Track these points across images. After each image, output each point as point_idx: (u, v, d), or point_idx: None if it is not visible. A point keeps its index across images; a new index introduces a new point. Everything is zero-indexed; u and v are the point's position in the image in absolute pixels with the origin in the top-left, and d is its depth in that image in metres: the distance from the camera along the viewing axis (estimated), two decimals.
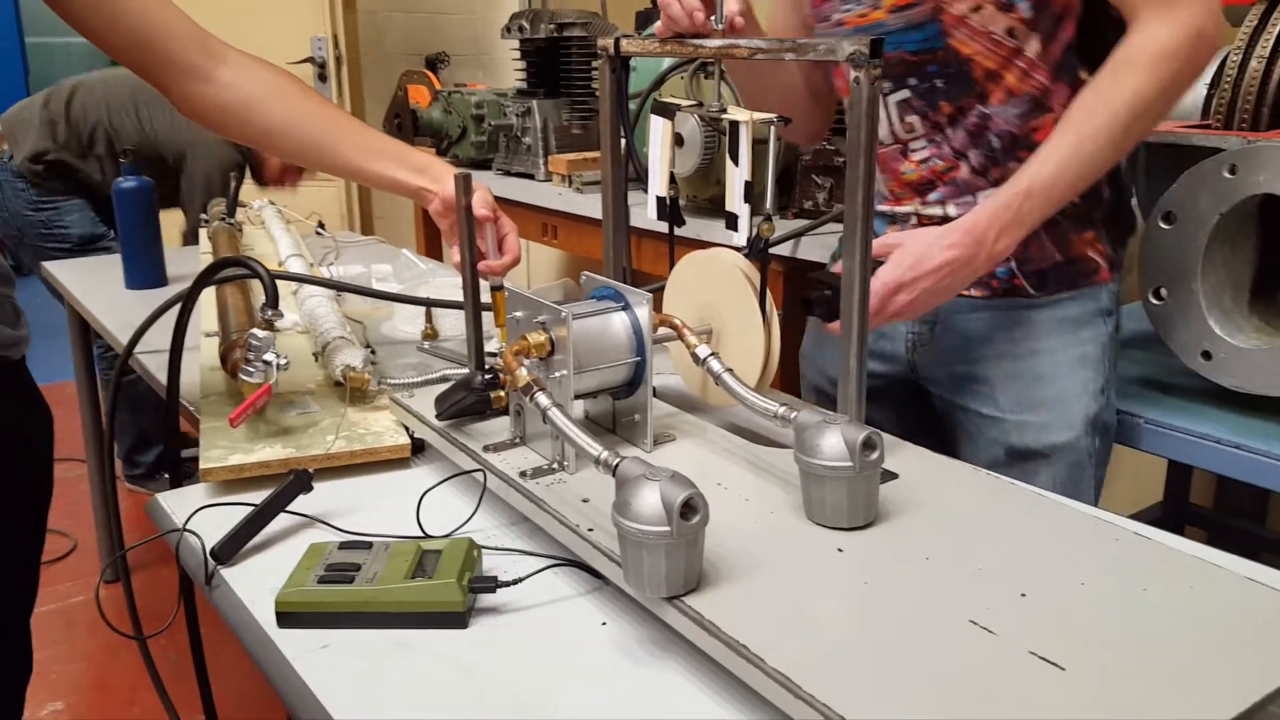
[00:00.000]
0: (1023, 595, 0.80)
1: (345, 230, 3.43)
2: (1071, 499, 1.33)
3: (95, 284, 2.29)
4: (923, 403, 1.46)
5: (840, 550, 0.87)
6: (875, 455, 0.89)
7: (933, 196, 1.32)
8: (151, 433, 3.15)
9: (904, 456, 1.07)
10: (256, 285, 1.45)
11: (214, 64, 1.22)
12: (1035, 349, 1.32)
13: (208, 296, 1.76)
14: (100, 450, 2.61)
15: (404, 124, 2.79)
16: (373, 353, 1.52)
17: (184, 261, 2.32)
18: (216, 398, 1.38)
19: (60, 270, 2.46)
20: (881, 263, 1.17)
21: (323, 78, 3.89)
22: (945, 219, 1.31)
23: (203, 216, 2.45)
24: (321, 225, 2.53)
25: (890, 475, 1.01)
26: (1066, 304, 1.32)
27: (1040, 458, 1.32)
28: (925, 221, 1.34)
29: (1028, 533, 0.90)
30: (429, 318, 1.66)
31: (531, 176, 2.64)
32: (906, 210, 1.35)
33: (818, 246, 1.89)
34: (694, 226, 2.04)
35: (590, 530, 0.91)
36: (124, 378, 1.72)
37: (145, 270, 2.23)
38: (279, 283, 1.75)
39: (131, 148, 2.70)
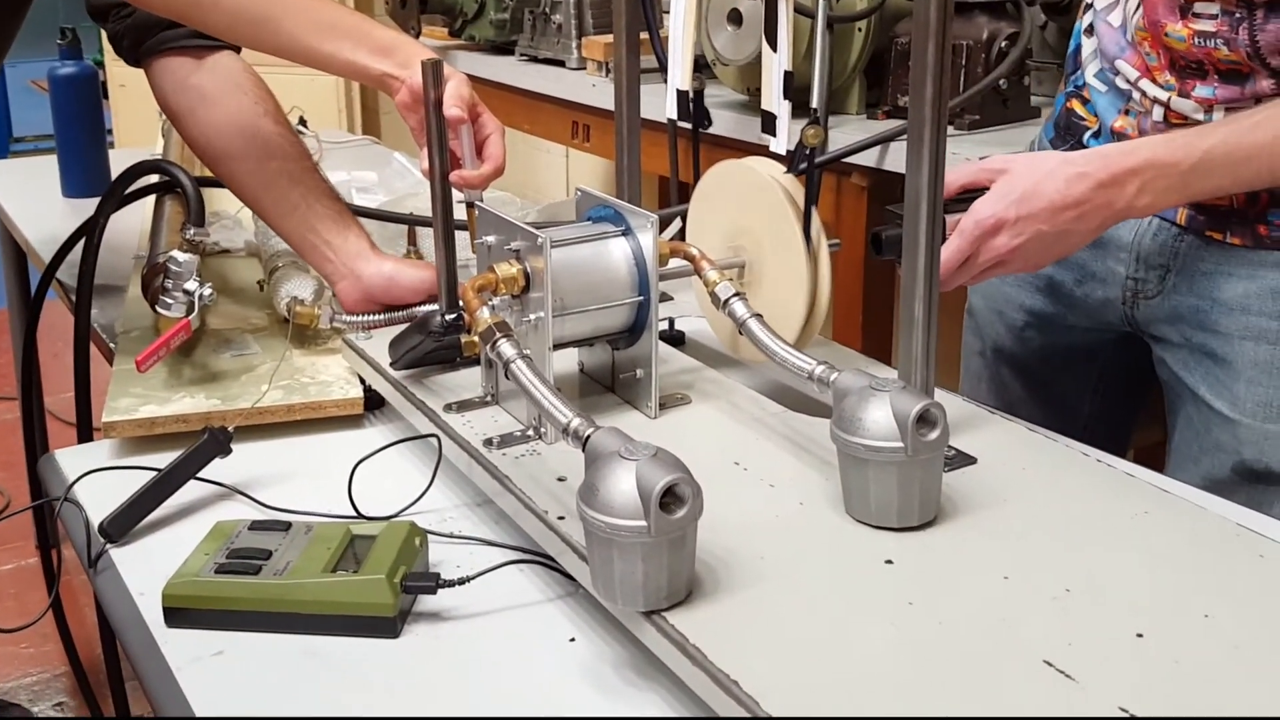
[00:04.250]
0: (1123, 629, 0.74)
1: (337, 129, 3.40)
2: None
3: (27, 190, 2.29)
4: (1140, 370, 1.35)
5: (888, 561, 0.82)
6: (935, 434, 0.84)
7: (1199, 90, 1.17)
8: None
9: (987, 434, 1.01)
10: (208, 194, 1.42)
11: None
12: None
13: (147, 207, 1.73)
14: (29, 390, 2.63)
15: None
16: None
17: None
18: (140, 333, 1.37)
19: None
20: (981, 194, 1.08)
21: None
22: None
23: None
24: (303, 122, 2.49)
25: (965, 459, 0.96)
26: None
27: None
28: (1174, 118, 1.18)
29: (1142, 543, 0.85)
30: (411, 239, 1.62)
31: (561, 63, 2.59)
32: (1154, 93, 1.20)
33: None
34: (755, 128, 1.96)
35: (561, 519, 0.88)
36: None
37: (85, 175, 2.22)
38: (231, 194, 1.75)
39: None
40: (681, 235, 1.44)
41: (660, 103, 1.30)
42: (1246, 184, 1.10)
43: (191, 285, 1.20)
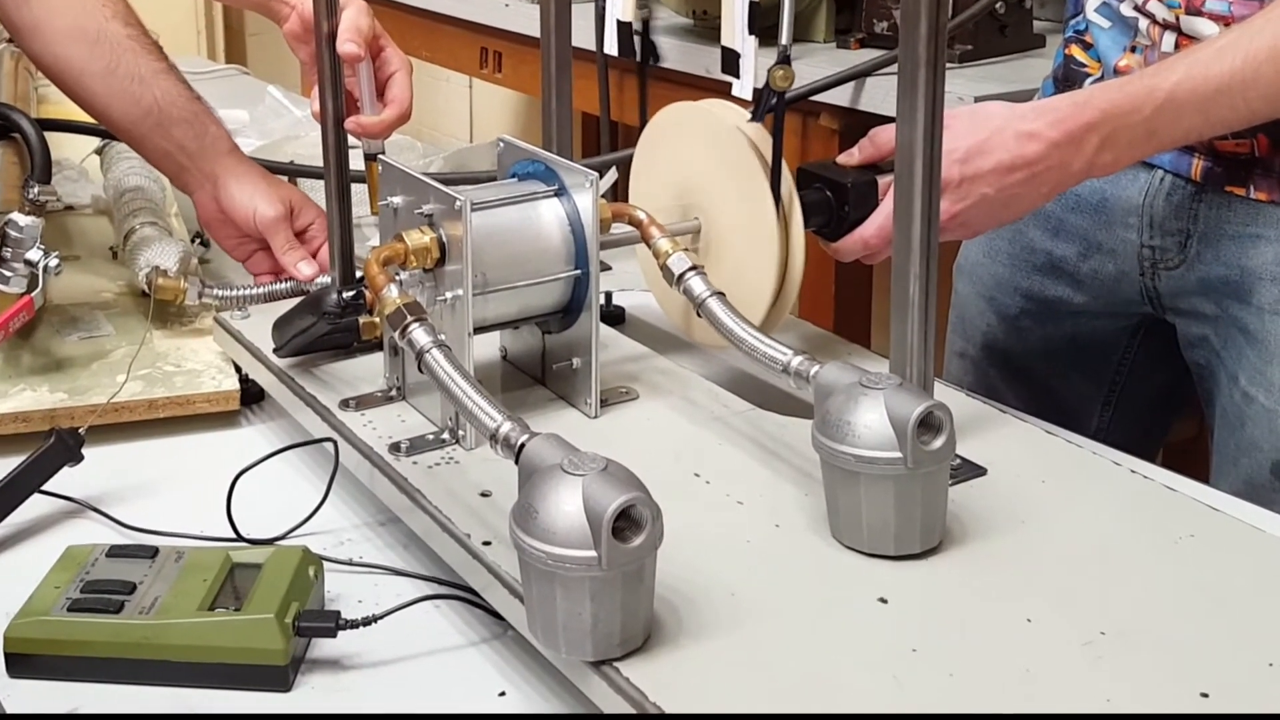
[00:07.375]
0: (1166, 681, 0.74)
1: (198, 56, 3.36)
2: None
3: None
4: (1162, 358, 1.35)
5: (881, 599, 0.81)
6: (940, 442, 0.83)
7: (1210, 4, 1.17)
8: None
9: (996, 437, 1.01)
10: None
11: None
12: None
13: None
14: None
15: None
16: (204, 246, 1.49)
17: None
18: None
19: None
20: None
21: None
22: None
23: None
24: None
25: (973, 470, 0.96)
26: None
27: None
28: (1186, 43, 1.18)
29: (1188, 575, 0.84)
30: None
31: None
32: (1162, 15, 1.20)
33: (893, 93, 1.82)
34: (705, 59, 1.95)
35: (487, 544, 0.86)
36: None
37: None
38: (74, 139, 1.70)
39: None
40: (615, 190, 1.42)
41: (589, 25, 1.28)
42: (1223, 123, 1.10)
43: (35, 255, 1.18)
